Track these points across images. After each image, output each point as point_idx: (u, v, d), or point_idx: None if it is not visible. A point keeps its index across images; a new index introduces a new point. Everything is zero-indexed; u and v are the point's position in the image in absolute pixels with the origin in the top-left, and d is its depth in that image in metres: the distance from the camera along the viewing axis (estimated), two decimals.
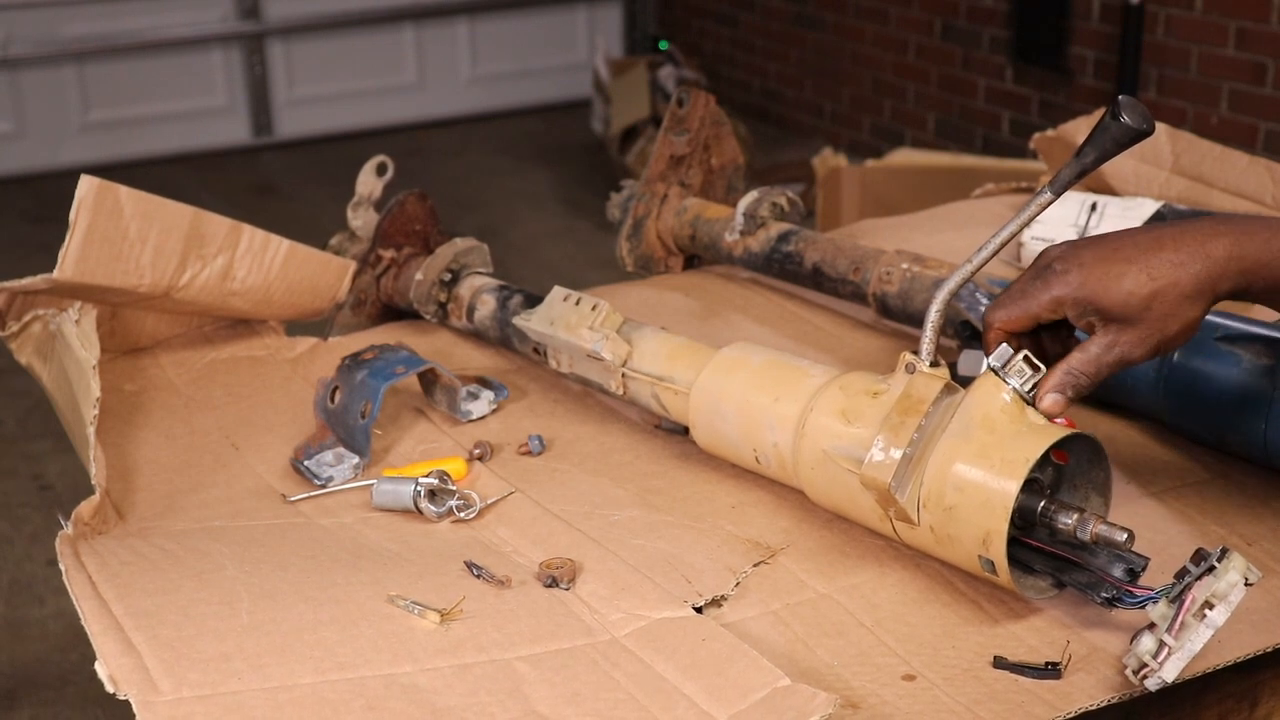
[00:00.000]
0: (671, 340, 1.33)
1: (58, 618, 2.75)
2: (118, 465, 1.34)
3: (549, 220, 4.97)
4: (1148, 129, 1.06)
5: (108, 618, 1.03)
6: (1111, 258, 1.05)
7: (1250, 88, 3.96)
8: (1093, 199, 1.74)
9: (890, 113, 5.25)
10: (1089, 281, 1.05)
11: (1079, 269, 1.05)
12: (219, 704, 0.94)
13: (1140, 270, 1.04)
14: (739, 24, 5.92)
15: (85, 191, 1.35)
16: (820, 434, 1.14)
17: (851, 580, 1.13)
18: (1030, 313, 1.07)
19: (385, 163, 1.66)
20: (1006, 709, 0.97)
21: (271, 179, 5.53)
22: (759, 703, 0.94)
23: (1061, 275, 1.06)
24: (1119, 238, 1.07)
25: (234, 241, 1.48)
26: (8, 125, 5.48)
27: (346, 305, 1.62)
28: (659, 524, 1.21)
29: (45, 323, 1.42)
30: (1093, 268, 1.05)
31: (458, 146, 5.85)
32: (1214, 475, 1.27)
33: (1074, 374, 1.06)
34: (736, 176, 1.82)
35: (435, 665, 1.00)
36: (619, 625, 1.06)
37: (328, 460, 1.33)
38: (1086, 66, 4.42)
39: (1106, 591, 1.03)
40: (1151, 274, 1.04)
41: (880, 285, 1.53)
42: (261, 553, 1.16)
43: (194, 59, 5.70)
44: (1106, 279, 1.04)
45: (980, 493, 1.03)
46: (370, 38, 5.98)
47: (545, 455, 1.35)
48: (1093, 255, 1.06)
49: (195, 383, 1.52)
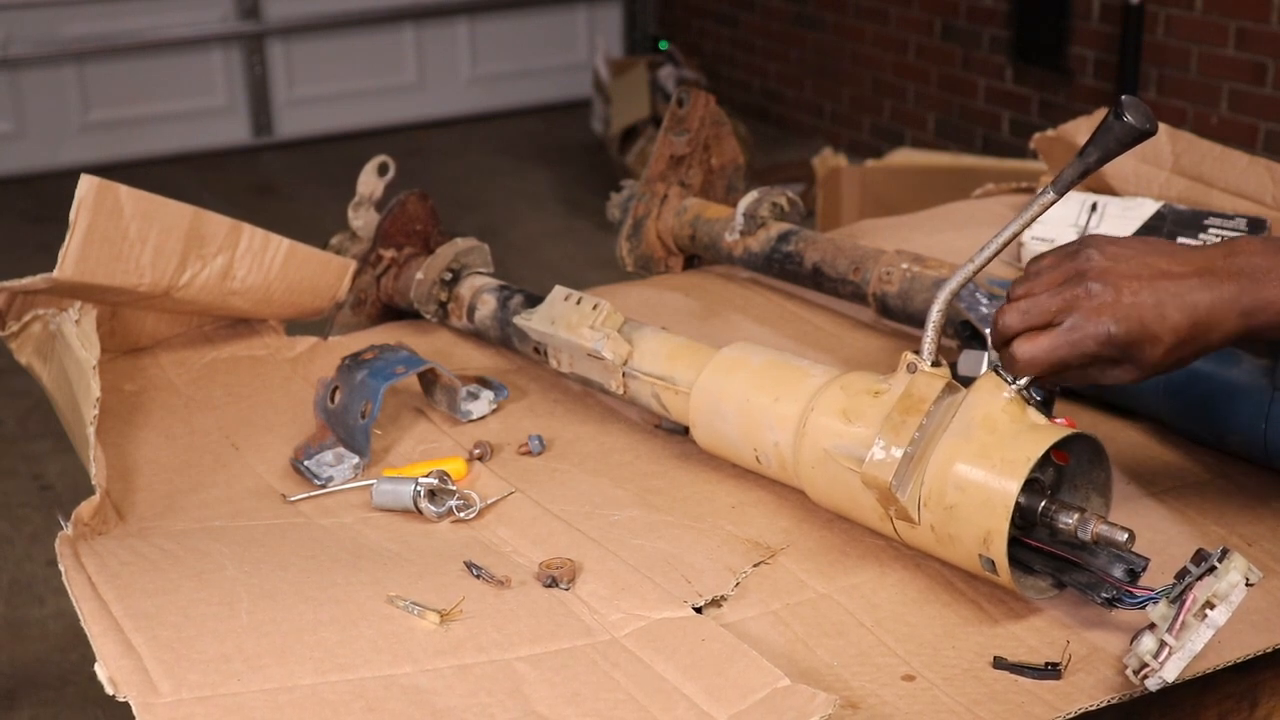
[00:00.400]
0: (672, 340, 1.33)
1: (58, 618, 2.75)
2: (118, 465, 1.34)
3: (549, 220, 4.97)
4: (1151, 129, 1.06)
5: (107, 619, 1.03)
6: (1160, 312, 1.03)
7: (1250, 88, 3.96)
8: (1093, 199, 1.74)
9: (890, 113, 5.25)
10: (1132, 337, 1.03)
11: (1121, 322, 1.03)
12: (219, 705, 0.94)
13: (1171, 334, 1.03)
14: (739, 24, 5.92)
15: (85, 191, 1.35)
16: (821, 433, 1.14)
17: (851, 580, 1.13)
18: (1067, 365, 1.05)
19: (386, 163, 1.66)
20: (1006, 709, 0.97)
21: (271, 179, 5.53)
22: (759, 703, 0.94)
23: (1104, 329, 1.03)
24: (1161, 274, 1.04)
25: (234, 241, 1.48)
26: (8, 125, 5.48)
27: (346, 305, 1.62)
28: (659, 524, 1.21)
29: (45, 323, 1.42)
30: (1139, 326, 1.03)
31: (458, 146, 5.85)
32: (1214, 475, 1.27)
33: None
34: (736, 176, 1.82)
35: (435, 666, 1.00)
36: (619, 625, 1.06)
37: (328, 460, 1.33)
38: (1086, 66, 4.42)
39: (1107, 592, 1.02)
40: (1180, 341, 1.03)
41: (880, 285, 1.53)
42: (261, 553, 1.16)
43: (194, 59, 5.70)
44: (1150, 340, 1.03)
45: (981, 492, 1.03)
46: (370, 38, 5.98)
47: (545, 455, 1.35)
48: (1134, 307, 1.03)
49: (195, 383, 1.51)
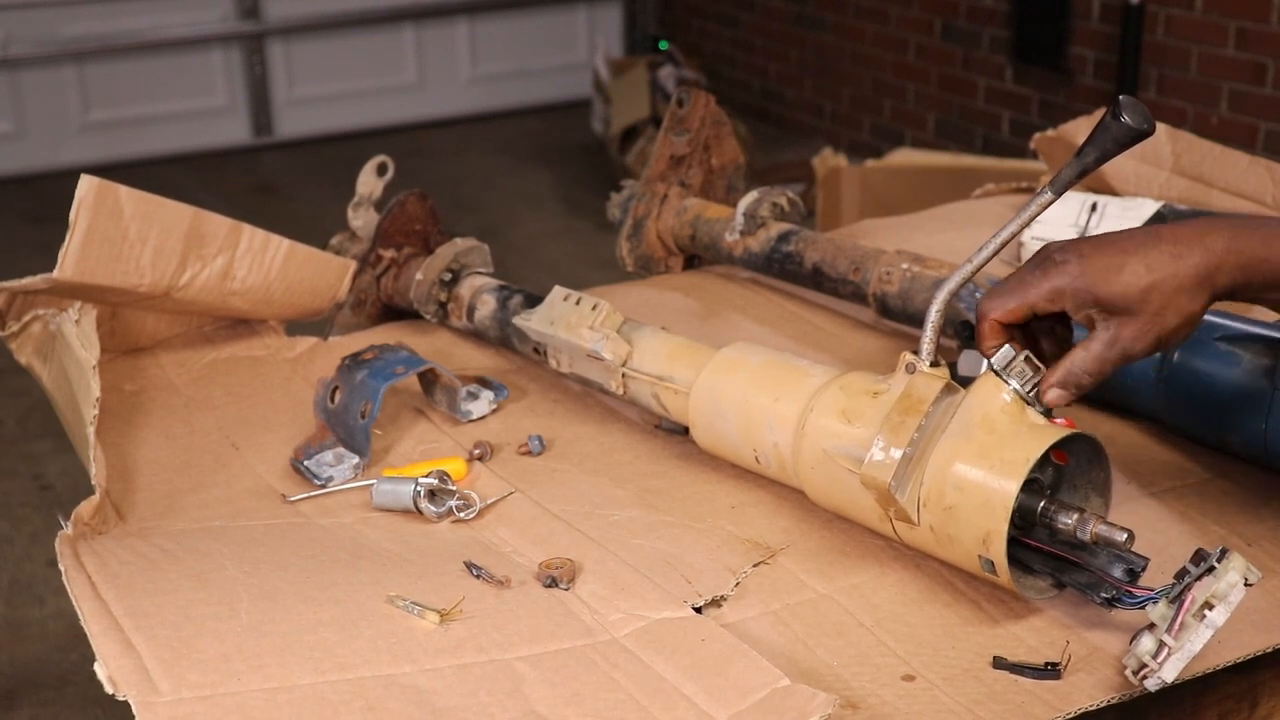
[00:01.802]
0: (671, 340, 1.33)
1: (58, 618, 2.75)
2: (118, 465, 1.34)
3: (549, 220, 4.97)
4: (1148, 129, 1.06)
5: (107, 618, 1.03)
6: (1110, 250, 1.05)
7: (1250, 88, 3.96)
8: (1093, 199, 1.74)
9: (890, 113, 5.25)
10: (1088, 272, 1.05)
11: (1078, 260, 1.05)
12: (218, 704, 0.94)
13: (1138, 261, 1.04)
14: (739, 24, 5.92)
15: (85, 191, 1.35)
16: (820, 434, 1.14)
17: (851, 580, 1.13)
18: (1027, 302, 1.07)
19: (386, 163, 1.66)
20: (1006, 709, 0.97)
21: (271, 179, 5.53)
22: (759, 703, 0.94)
23: (1060, 266, 1.06)
24: (1119, 234, 1.08)
25: (234, 241, 1.48)
26: (8, 125, 5.47)
27: (346, 305, 1.62)
28: (659, 524, 1.21)
29: (45, 323, 1.42)
30: (1092, 259, 1.05)
31: (458, 146, 5.85)
32: (1214, 475, 1.27)
33: (1076, 372, 1.06)
34: (736, 176, 1.82)
35: (435, 665, 1.00)
36: (619, 625, 1.06)
37: (328, 460, 1.33)
38: (1086, 66, 4.42)
39: (1106, 592, 1.02)
40: (1149, 265, 1.04)
41: (880, 285, 1.53)
42: (261, 553, 1.16)
43: (194, 59, 5.70)
44: (1106, 270, 1.04)
45: (980, 492, 1.03)
46: (370, 38, 5.98)
47: (545, 455, 1.35)
48: (1092, 247, 1.06)
49: (195, 383, 1.51)
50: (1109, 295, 1.04)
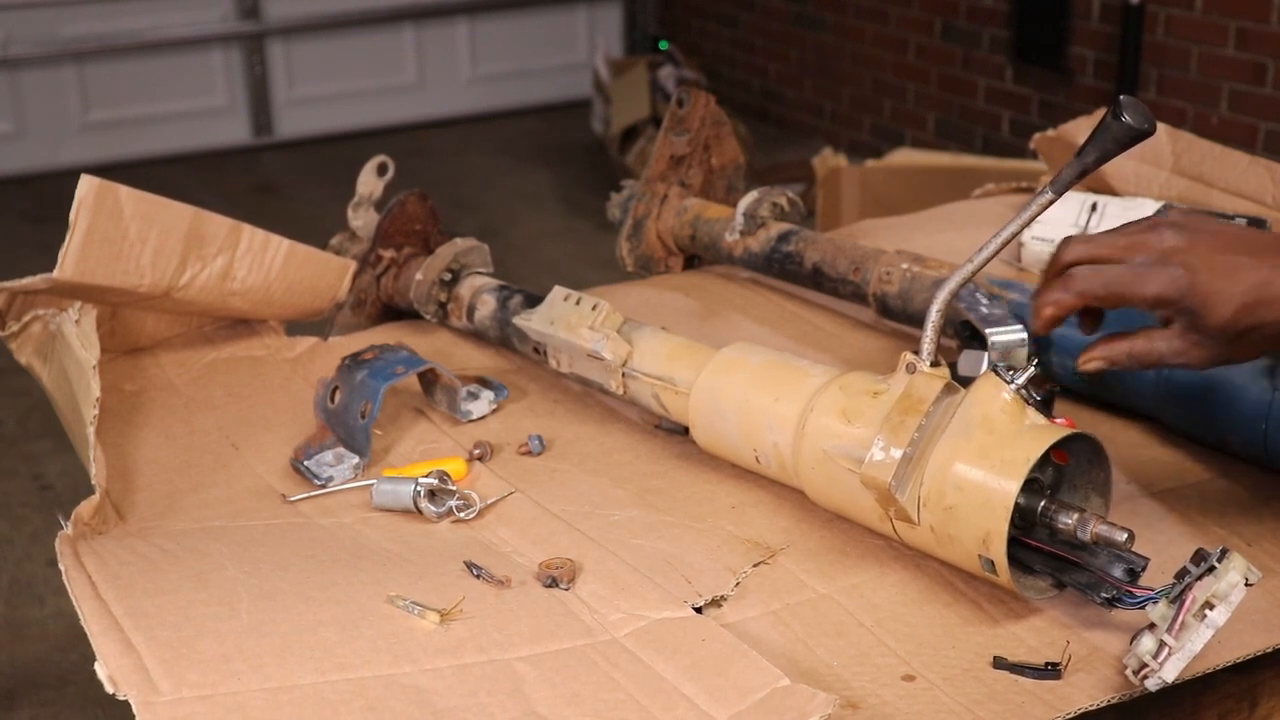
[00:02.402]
0: (671, 340, 1.33)
1: (58, 618, 2.75)
2: (118, 465, 1.34)
3: (549, 220, 4.97)
4: (1149, 129, 1.06)
5: (107, 618, 1.03)
6: (1223, 272, 1.00)
7: (1250, 88, 3.96)
8: (1093, 199, 1.74)
9: (890, 113, 5.25)
10: (1198, 290, 1.01)
11: (1188, 273, 1.01)
12: (219, 704, 0.94)
13: (1251, 297, 1.01)
14: (739, 24, 5.92)
15: (85, 191, 1.35)
16: (821, 434, 1.14)
17: (851, 580, 1.13)
18: (1124, 298, 1.02)
19: (386, 163, 1.66)
20: (1006, 709, 0.97)
21: (271, 179, 5.53)
22: (759, 703, 0.94)
23: (1170, 274, 1.01)
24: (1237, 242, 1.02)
25: (234, 241, 1.48)
26: (8, 125, 5.48)
27: (346, 305, 1.62)
28: (659, 524, 1.21)
29: (45, 323, 1.42)
30: (1204, 275, 1.01)
31: (458, 146, 5.85)
32: (1214, 475, 1.27)
33: (1134, 357, 1.05)
34: (737, 176, 1.82)
35: (435, 666, 1.00)
36: (619, 625, 1.06)
37: (328, 460, 1.33)
38: (1086, 66, 4.42)
39: (1106, 592, 1.02)
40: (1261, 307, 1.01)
41: (880, 285, 1.53)
42: (261, 553, 1.16)
43: (194, 59, 5.71)
44: (1215, 296, 1.00)
45: (980, 492, 1.03)
46: (370, 38, 5.98)
47: (545, 455, 1.35)
48: (1205, 263, 1.01)
49: (195, 383, 1.51)
50: (1210, 326, 1.02)
